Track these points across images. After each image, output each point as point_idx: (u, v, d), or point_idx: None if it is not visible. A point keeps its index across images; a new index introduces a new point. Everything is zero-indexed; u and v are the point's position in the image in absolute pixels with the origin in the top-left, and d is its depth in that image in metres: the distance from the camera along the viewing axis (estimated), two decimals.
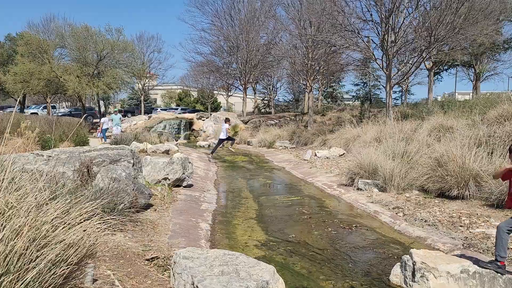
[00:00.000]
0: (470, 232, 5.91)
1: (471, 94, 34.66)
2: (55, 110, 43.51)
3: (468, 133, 9.79)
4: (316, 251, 5.45)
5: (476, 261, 4.24)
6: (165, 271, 4.08)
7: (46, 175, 4.91)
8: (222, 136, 16.66)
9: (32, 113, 36.41)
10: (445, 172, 8.05)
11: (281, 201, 8.84)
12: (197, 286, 3.28)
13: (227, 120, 17.59)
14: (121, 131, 21.34)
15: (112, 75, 30.30)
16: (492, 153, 8.43)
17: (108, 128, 21.12)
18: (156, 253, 4.51)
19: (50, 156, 6.83)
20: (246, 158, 18.04)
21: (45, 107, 41.55)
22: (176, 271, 3.62)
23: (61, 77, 28.45)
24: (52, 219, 2.84)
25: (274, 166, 15.14)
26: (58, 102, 52.62)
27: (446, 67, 34.80)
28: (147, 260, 4.30)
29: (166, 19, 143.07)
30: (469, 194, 7.66)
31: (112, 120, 21.19)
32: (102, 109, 48.00)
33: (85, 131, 17.12)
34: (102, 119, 21.78)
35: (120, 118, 21.36)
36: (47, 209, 2.95)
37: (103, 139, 20.37)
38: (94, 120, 34.64)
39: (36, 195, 3.04)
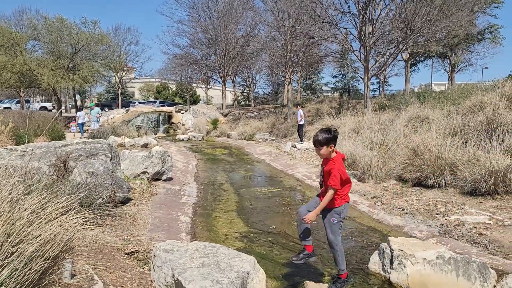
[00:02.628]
0: (445, 219, 6.05)
1: (446, 85, 35.35)
2: (29, 104, 42.51)
3: (443, 123, 10.00)
4: (296, 242, 5.49)
5: (452, 247, 4.34)
6: (145, 264, 4.05)
7: (21, 170, 4.80)
8: (302, 121, 17.32)
9: (5, 108, 35.48)
10: (421, 162, 8.21)
11: (262, 193, 8.87)
12: (177, 279, 3.27)
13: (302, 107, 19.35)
14: (99, 126, 21.03)
15: (88, 68, 29.66)
16: (466, 142, 8.64)
17: (85, 122, 20.77)
18: (136, 247, 4.47)
19: (24, 151, 6.67)
20: (226, 150, 18.01)
21: (18, 101, 40.51)
22: (156, 264, 3.60)
23: (34, 70, 27.71)
24: (28, 214, 2.79)
25: (254, 159, 15.16)
26: (32, 96, 51.37)
27: (422, 59, 35.39)
28: (126, 254, 4.26)
29: (142, 11, 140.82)
30: (445, 183, 7.84)
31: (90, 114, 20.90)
32: (78, 103, 47.08)
33: (60, 126, 16.80)
34: (78, 113, 21.39)
35: (98, 112, 20.94)
36: (22, 204, 2.89)
37: (79, 133, 20.03)
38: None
39: (10, 190, 2.97)
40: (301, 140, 16.85)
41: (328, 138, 3.67)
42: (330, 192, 3.68)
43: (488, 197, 6.95)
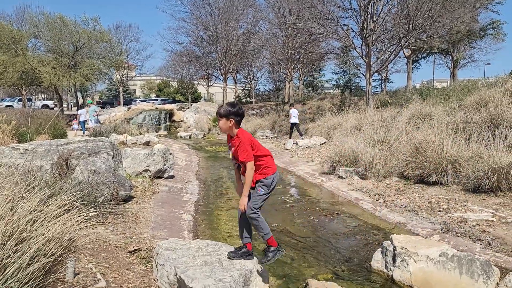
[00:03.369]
0: (448, 216, 6.04)
1: (448, 81, 35.28)
2: (30, 102, 42.56)
3: (446, 119, 9.97)
4: (298, 239, 5.49)
5: (455, 245, 4.33)
6: (147, 263, 4.05)
7: (23, 169, 4.81)
8: (295, 120, 17.55)
9: (7, 106, 35.52)
10: (423, 159, 8.19)
11: None
12: (180, 277, 3.27)
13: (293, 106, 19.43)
14: (99, 123, 20.99)
15: (89, 66, 29.66)
16: (469, 139, 8.61)
17: (86, 120, 20.76)
18: (138, 245, 4.47)
19: (26, 150, 6.68)
20: (228, 148, 17.99)
21: (20, 100, 40.55)
22: (159, 263, 3.60)
23: (36, 69, 27.71)
24: (30, 213, 2.78)
25: None
26: (34, 94, 51.43)
27: (424, 55, 35.30)
28: (129, 252, 4.26)
29: (143, 8, 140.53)
30: (447, 180, 7.82)
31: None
32: (80, 101, 47.15)
33: (62, 124, 16.81)
34: (80, 111, 21.38)
35: (94, 110, 20.77)
36: (24, 202, 2.89)
37: (81, 131, 20.04)
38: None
39: (13, 188, 2.97)
40: (301, 135, 17.20)
41: (229, 111, 3.56)
42: (249, 167, 3.54)
43: (491, 194, 6.94)
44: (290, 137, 17.00)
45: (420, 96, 16.42)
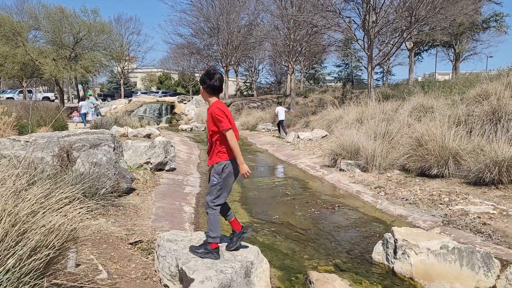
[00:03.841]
0: (449, 209, 6.04)
1: (450, 74, 35.13)
2: (31, 94, 42.53)
3: (447, 112, 9.93)
4: (299, 232, 5.50)
5: (456, 237, 4.33)
6: (149, 254, 4.06)
7: (24, 161, 4.81)
8: (282, 117, 17.93)
9: (7, 98, 35.51)
10: (425, 152, 8.18)
11: (265, 183, 8.86)
12: (181, 268, 3.27)
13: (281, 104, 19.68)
14: (100, 115, 20.97)
15: (90, 58, 29.58)
16: (471, 131, 8.59)
17: (87, 113, 20.74)
18: (140, 237, 4.48)
19: (27, 141, 6.68)
20: None
21: (21, 92, 40.52)
22: (160, 254, 3.61)
23: (36, 60, 27.64)
24: (32, 205, 2.79)
25: (257, 149, 15.14)
26: (34, 86, 51.37)
27: (426, 48, 35.06)
28: (130, 244, 4.28)
29: (144, 1, 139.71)
30: (449, 173, 7.81)
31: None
32: (81, 93, 47.09)
33: (63, 116, 16.80)
34: (81, 103, 21.36)
35: (92, 102, 20.66)
36: (26, 194, 2.89)
37: (82, 123, 20.04)
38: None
39: (14, 180, 2.97)
40: (285, 133, 17.40)
41: (201, 78, 3.56)
42: (228, 136, 3.38)
43: (492, 187, 6.93)
44: (285, 133, 17.21)
45: (422, 89, 16.35)
